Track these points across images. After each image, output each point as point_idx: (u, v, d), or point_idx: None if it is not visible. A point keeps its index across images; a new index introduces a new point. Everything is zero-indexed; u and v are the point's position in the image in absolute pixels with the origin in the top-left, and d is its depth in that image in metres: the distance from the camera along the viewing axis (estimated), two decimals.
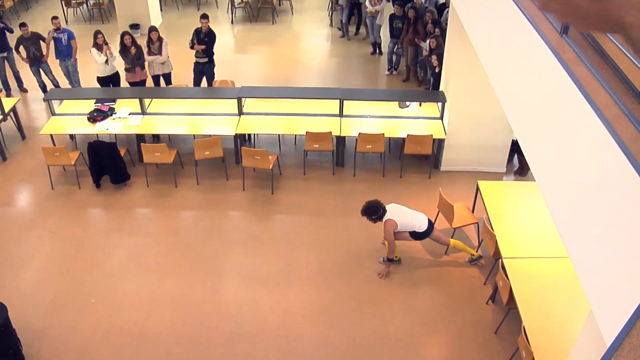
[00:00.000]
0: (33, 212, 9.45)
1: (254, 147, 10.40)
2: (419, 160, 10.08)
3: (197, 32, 11.21)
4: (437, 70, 10.58)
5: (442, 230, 8.17)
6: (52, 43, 11.83)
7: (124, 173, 9.74)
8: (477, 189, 8.35)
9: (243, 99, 10.28)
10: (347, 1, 14.73)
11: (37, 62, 11.95)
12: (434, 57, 10.63)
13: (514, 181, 9.75)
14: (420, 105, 10.49)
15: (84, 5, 17.26)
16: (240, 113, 10.19)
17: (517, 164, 10.06)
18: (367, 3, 13.84)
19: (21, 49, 11.75)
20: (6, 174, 10.24)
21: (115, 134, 10.17)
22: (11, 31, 12.37)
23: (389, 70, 13.45)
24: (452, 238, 8.01)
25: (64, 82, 12.33)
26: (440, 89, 10.29)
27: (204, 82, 11.70)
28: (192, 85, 11.67)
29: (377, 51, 14.41)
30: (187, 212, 9.34)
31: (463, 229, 8.50)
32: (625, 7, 0.84)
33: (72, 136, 10.79)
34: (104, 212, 9.44)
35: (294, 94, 10.71)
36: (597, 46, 3.71)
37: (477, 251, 8.14)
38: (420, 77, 12.58)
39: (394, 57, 13.27)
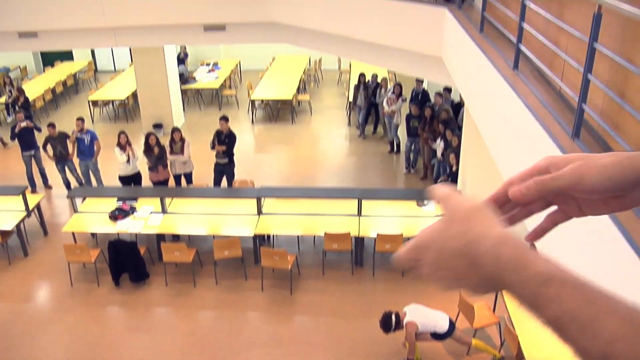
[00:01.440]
0: (51, 308, 9.46)
1: (273, 247, 10.44)
2: None
3: (218, 133, 11.51)
4: (454, 169, 10.70)
5: (463, 330, 8.04)
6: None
7: (144, 272, 9.79)
8: None
9: (262, 199, 10.42)
10: (365, 101, 15.12)
11: (63, 160, 12.28)
12: (452, 155, 10.78)
13: None
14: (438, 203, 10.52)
15: (110, 105, 17.86)
16: (260, 213, 10.30)
17: None
18: (384, 103, 14.20)
19: (48, 147, 12.12)
20: (27, 269, 10.33)
21: (136, 233, 10.29)
22: (39, 130, 12.80)
23: (406, 168, 13.63)
24: (473, 338, 7.88)
25: (85, 180, 12.58)
26: (457, 187, 10.36)
27: (224, 182, 11.90)
28: (213, 185, 11.87)
29: (395, 150, 14.64)
30: (206, 312, 9.29)
31: (485, 328, 8.36)
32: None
33: (93, 233, 10.92)
34: (122, 311, 9.42)
35: (313, 194, 10.87)
36: (607, 148, 3.78)
37: (499, 352, 7.97)
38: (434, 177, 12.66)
39: (412, 156, 13.47)
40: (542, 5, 4.89)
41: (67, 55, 21.94)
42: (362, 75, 15.29)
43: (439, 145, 11.72)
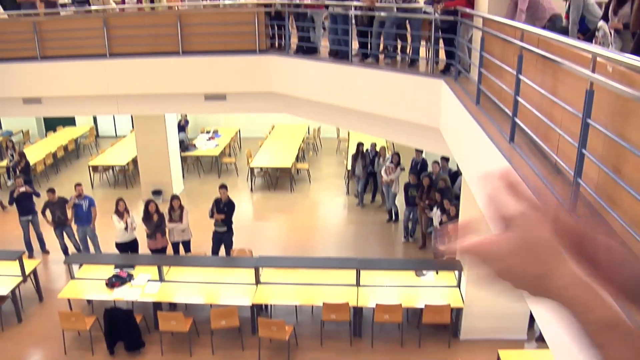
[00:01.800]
0: None
1: (271, 316, 10.33)
2: (437, 329, 9.92)
3: (217, 201, 11.55)
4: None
5: None
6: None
7: (139, 340, 9.66)
8: (498, 359, 8.15)
9: (260, 268, 10.37)
10: (363, 170, 15.24)
11: (61, 225, 12.28)
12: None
13: (536, 349, 9.52)
14: (437, 273, 10.51)
15: (110, 170, 17.98)
16: (257, 282, 10.23)
17: (538, 331, 9.86)
18: (382, 172, 14.31)
19: (47, 212, 12.13)
20: (19, 336, 10.18)
21: (133, 301, 10.19)
22: (38, 195, 12.85)
23: (405, 237, 13.62)
24: None
25: (82, 246, 12.55)
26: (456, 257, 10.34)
27: (222, 251, 11.86)
28: (211, 253, 11.83)
29: (393, 218, 14.67)
30: None
31: None
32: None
33: (89, 300, 10.81)
34: None
35: (311, 264, 10.85)
36: (604, 223, 3.79)
37: None
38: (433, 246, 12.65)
39: (410, 225, 13.49)
40: (536, 80, 5.00)
41: (70, 121, 22.20)
42: (360, 144, 15.47)
43: (436, 214, 11.75)
